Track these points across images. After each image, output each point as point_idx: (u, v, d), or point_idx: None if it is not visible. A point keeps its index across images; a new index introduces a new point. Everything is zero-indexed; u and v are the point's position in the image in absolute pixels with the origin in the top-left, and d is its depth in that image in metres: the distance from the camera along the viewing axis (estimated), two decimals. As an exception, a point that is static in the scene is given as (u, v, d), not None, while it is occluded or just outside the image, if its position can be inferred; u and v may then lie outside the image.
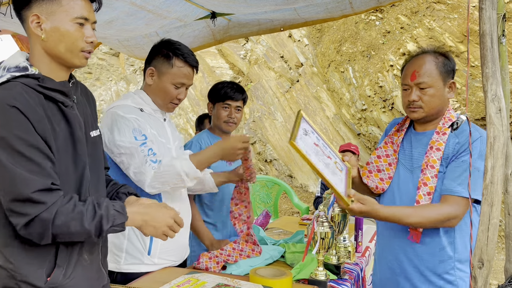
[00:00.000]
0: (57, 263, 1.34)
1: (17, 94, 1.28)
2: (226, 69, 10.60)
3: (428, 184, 1.85)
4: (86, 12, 1.39)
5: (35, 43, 1.38)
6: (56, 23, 1.35)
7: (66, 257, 1.37)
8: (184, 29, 3.78)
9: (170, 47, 2.12)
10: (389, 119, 7.09)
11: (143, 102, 2.10)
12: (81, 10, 1.38)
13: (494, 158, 1.37)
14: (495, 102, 1.39)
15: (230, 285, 1.76)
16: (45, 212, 1.25)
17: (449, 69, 1.93)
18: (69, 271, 1.37)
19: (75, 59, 1.41)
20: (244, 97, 2.75)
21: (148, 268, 2.01)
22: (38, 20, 1.35)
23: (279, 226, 3.19)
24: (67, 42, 1.37)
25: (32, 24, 1.35)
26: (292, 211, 7.76)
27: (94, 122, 1.58)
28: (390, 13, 7.49)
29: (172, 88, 2.10)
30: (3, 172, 1.24)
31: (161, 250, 2.03)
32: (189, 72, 2.12)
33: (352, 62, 7.83)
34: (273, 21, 3.71)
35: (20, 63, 1.35)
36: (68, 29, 1.36)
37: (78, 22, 1.37)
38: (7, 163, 1.24)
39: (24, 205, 1.24)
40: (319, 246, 1.88)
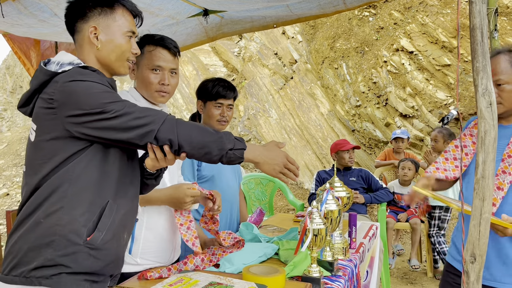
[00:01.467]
0: (98, 227, 1.46)
1: (87, 73, 1.49)
2: (220, 67, 10.57)
3: (506, 172, 1.91)
4: (133, 27, 1.63)
5: (89, 51, 1.58)
6: (110, 35, 1.57)
7: (107, 225, 1.48)
8: (177, 27, 3.77)
9: (142, 38, 2.11)
10: (383, 115, 7.10)
11: (133, 100, 2.06)
12: (130, 25, 1.62)
13: (485, 153, 1.37)
14: (485, 96, 1.39)
15: (223, 284, 1.75)
16: (165, 121, 1.44)
17: None
18: (106, 238, 1.48)
19: (121, 68, 1.63)
20: (235, 94, 2.72)
21: (131, 268, 1.97)
22: (95, 31, 1.55)
23: (273, 223, 3.18)
24: (118, 52, 1.59)
25: (91, 34, 1.55)
26: (287, 208, 7.76)
27: None
28: (383, 9, 7.49)
29: (151, 74, 2.04)
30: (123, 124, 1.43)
31: (143, 250, 2.00)
32: (162, 54, 2.05)
33: (346, 59, 7.82)
34: (266, 17, 3.70)
35: (74, 60, 1.53)
36: (120, 41, 1.59)
37: (128, 36, 1.60)
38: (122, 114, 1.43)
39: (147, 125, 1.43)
40: (310, 243, 1.88)
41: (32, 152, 1.50)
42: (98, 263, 1.47)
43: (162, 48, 2.06)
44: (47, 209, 1.43)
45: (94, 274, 1.48)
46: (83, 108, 1.41)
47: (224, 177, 2.68)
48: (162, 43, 2.06)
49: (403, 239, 6.24)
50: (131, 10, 1.64)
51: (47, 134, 1.45)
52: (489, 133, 1.38)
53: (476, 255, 1.38)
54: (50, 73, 1.47)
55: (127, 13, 1.62)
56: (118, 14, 1.59)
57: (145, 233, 2.00)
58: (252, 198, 5.30)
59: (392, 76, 6.95)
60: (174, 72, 2.11)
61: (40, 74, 1.49)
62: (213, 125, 2.68)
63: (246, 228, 2.62)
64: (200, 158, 1.50)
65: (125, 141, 1.45)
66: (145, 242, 1.99)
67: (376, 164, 5.80)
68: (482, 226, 1.37)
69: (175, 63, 2.11)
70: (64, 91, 1.42)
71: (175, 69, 2.11)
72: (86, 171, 1.46)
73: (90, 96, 1.42)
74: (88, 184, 1.46)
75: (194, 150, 1.47)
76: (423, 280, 4.81)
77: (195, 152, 1.47)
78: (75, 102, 1.41)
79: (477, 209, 1.38)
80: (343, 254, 2.31)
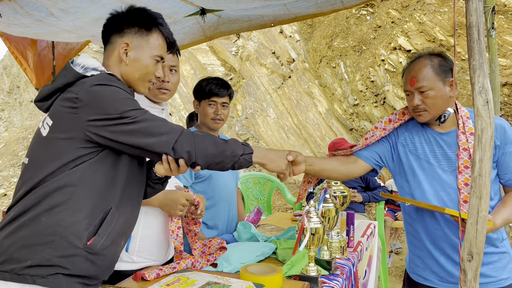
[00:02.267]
0: (98, 232, 1.47)
1: (115, 79, 1.53)
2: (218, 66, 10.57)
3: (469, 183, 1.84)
4: (163, 52, 1.68)
5: (116, 64, 1.63)
6: (140, 55, 1.62)
7: (107, 230, 1.49)
8: (174, 26, 3.76)
9: None
10: (381, 114, 7.10)
11: (136, 98, 2.06)
12: (161, 50, 1.67)
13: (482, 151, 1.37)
14: (482, 94, 1.39)
15: (220, 283, 1.75)
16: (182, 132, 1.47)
17: (446, 68, 1.96)
18: (106, 243, 1.49)
19: (142, 88, 1.67)
20: (230, 92, 2.71)
21: (128, 266, 1.97)
22: (127, 48, 1.60)
23: (271, 223, 3.18)
24: (143, 72, 1.64)
25: (122, 50, 1.60)
26: (285, 207, 7.76)
27: None
28: (381, 7, 7.49)
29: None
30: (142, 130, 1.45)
31: (139, 249, 2.00)
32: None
33: (343, 57, 7.82)
34: (263, 16, 3.69)
35: (99, 67, 1.56)
36: (147, 63, 1.63)
37: (156, 59, 1.65)
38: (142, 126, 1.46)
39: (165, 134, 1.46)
40: (308, 242, 1.87)
41: (42, 147, 1.51)
42: (94, 267, 1.48)
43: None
44: (49, 207, 1.43)
45: (89, 278, 1.49)
46: (107, 112, 1.44)
47: (221, 176, 2.67)
48: None
49: (401, 237, 6.24)
50: (166, 36, 1.70)
51: (63, 133, 1.47)
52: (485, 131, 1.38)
53: (473, 253, 1.38)
54: (79, 76, 1.51)
55: (161, 38, 1.67)
56: (153, 37, 1.64)
57: (142, 232, 2.00)
58: (250, 197, 5.30)
59: (389, 74, 6.95)
60: (174, 70, 2.13)
61: (69, 74, 1.53)
62: (209, 124, 2.68)
63: (244, 227, 2.62)
64: (213, 168, 1.53)
65: (143, 147, 1.46)
66: (142, 241, 1.99)
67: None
68: (479, 224, 1.37)
69: (174, 61, 2.12)
70: (90, 93, 1.45)
71: (174, 66, 2.13)
72: (95, 175, 1.47)
73: (115, 101, 1.45)
74: (94, 188, 1.47)
75: (209, 162, 1.51)
76: (421, 279, 4.81)
77: (210, 164, 1.51)
78: (100, 105, 1.44)
79: (474, 207, 1.38)
80: (341, 253, 2.31)
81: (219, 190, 2.65)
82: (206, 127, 2.72)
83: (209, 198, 2.61)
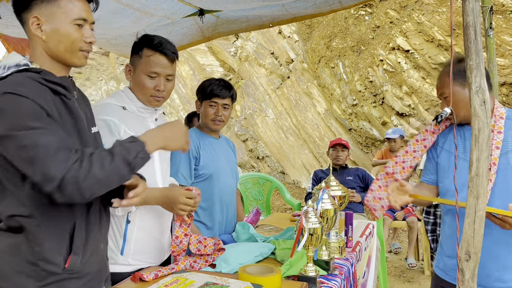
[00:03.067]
0: (73, 250, 1.39)
1: (24, 82, 1.33)
2: (217, 67, 10.58)
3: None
4: (84, 13, 1.45)
5: (36, 44, 1.44)
6: (55, 24, 1.41)
7: (82, 244, 1.41)
8: (172, 27, 3.76)
9: (141, 39, 2.07)
10: (379, 114, 7.11)
11: (128, 100, 2.05)
12: (80, 11, 1.43)
13: (479, 151, 1.37)
14: (479, 94, 1.39)
15: (218, 284, 1.75)
16: (69, 170, 1.26)
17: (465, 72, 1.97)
18: (84, 259, 1.42)
19: (75, 59, 1.46)
20: (231, 94, 2.71)
21: (123, 269, 1.96)
22: (38, 21, 1.41)
23: (270, 223, 3.18)
24: (66, 42, 1.43)
25: (33, 26, 1.41)
26: (284, 207, 7.77)
27: (92, 119, 1.63)
28: (379, 7, 7.50)
29: (147, 80, 2.02)
30: (27, 150, 1.27)
31: (134, 251, 1.98)
32: (160, 60, 2.02)
33: (342, 58, 7.83)
34: (262, 17, 3.69)
35: (20, 61, 1.40)
36: (67, 30, 1.42)
37: (77, 24, 1.43)
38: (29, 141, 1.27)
39: (49, 170, 1.26)
40: (306, 242, 1.88)
41: None
42: (83, 279, 1.43)
43: (160, 54, 2.02)
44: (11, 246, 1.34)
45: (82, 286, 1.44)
46: (8, 128, 1.27)
47: (221, 176, 2.68)
48: (160, 49, 2.02)
49: (400, 237, 6.25)
50: None
51: None
52: (482, 131, 1.38)
53: (471, 253, 1.39)
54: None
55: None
56: (64, 1, 1.42)
57: (136, 234, 1.99)
58: (249, 197, 5.30)
59: (388, 74, 6.96)
60: (170, 79, 2.08)
61: None
62: (209, 125, 2.68)
63: (243, 227, 2.62)
64: (115, 185, 1.39)
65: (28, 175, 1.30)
66: (137, 243, 1.98)
67: (373, 163, 5.83)
68: (476, 224, 1.37)
69: (172, 69, 2.08)
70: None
71: (171, 76, 2.08)
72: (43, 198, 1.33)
73: (13, 116, 1.27)
74: (49, 213, 1.35)
75: (102, 190, 1.35)
76: (420, 279, 4.82)
77: (109, 187, 1.36)
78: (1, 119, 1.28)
79: (472, 207, 1.38)
80: (339, 253, 2.31)
81: (219, 190, 2.65)
82: (207, 128, 2.72)
83: (208, 198, 2.61)
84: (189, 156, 2.59)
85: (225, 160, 2.76)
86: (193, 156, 2.61)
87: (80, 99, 1.57)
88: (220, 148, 2.75)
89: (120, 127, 1.93)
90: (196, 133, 2.72)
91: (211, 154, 2.67)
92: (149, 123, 2.09)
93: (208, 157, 2.65)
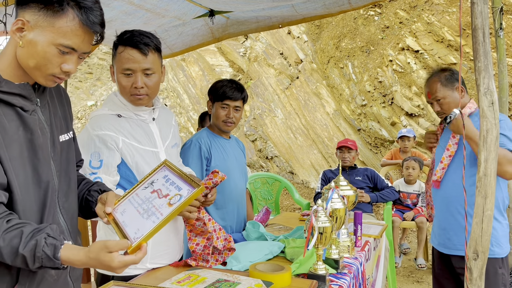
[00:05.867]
0: (19, 281, 1.29)
1: None
2: (226, 67, 10.61)
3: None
4: (76, 44, 1.29)
5: (13, 44, 1.30)
6: (37, 38, 1.25)
7: (29, 275, 1.30)
8: (183, 27, 3.80)
9: (117, 36, 1.94)
10: (389, 114, 7.10)
11: (122, 106, 1.97)
12: (72, 39, 1.27)
13: (487, 151, 1.39)
14: (487, 96, 1.41)
15: (229, 280, 1.78)
16: None
17: (453, 79, 2.54)
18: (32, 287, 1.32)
19: (40, 79, 1.32)
20: (243, 96, 2.71)
21: (141, 272, 1.96)
22: (23, 25, 1.26)
23: (279, 222, 3.21)
24: (38, 61, 1.27)
25: (14, 26, 1.26)
26: (293, 207, 7.78)
27: (65, 125, 1.52)
28: (388, 8, 7.49)
29: (123, 78, 1.89)
30: None
31: (152, 255, 1.95)
32: (131, 55, 1.85)
33: (351, 58, 7.83)
34: (271, 18, 3.72)
35: None
36: (46, 50, 1.26)
37: (61, 50, 1.27)
38: None
39: None
40: (316, 241, 1.90)
41: None
42: None
43: (131, 48, 1.86)
44: None
45: None
46: None
47: (231, 177, 2.70)
48: (129, 43, 1.86)
49: (409, 237, 6.24)
50: (87, 24, 1.27)
51: None
52: (491, 131, 1.40)
53: (479, 252, 1.40)
54: None
55: (77, 24, 1.27)
56: (63, 20, 1.25)
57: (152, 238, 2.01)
58: (258, 197, 5.33)
59: (397, 75, 6.95)
60: (150, 73, 1.90)
61: None
62: (220, 126, 2.71)
63: (253, 226, 2.65)
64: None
65: None
66: (154, 247, 1.95)
67: (382, 163, 5.82)
68: (484, 223, 1.39)
69: (149, 62, 1.88)
70: None
71: (149, 70, 1.89)
72: None
73: None
74: None
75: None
76: (429, 279, 4.81)
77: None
78: None
79: (480, 206, 1.40)
80: (348, 252, 2.33)
81: (229, 190, 2.68)
82: (218, 129, 2.75)
83: (219, 198, 2.64)
84: (200, 156, 2.62)
85: (235, 161, 2.79)
86: (205, 156, 2.64)
87: (50, 104, 1.45)
88: (230, 149, 2.78)
89: (117, 139, 1.89)
90: (208, 133, 2.74)
91: (222, 154, 2.70)
92: (148, 124, 2.02)
93: (219, 157, 2.67)
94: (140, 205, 1.49)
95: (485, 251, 1.40)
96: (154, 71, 1.91)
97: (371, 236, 2.80)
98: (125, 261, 1.25)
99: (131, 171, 1.94)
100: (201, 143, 2.65)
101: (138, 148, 1.94)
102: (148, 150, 1.98)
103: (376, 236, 2.82)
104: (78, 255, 1.23)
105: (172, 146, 2.12)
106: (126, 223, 1.42)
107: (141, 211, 1.46)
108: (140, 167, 1.93)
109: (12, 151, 1.27)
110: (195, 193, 1.44)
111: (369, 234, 2.81)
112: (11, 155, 1.26)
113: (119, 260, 1.24)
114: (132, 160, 1.93)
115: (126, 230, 1.39)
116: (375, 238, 2.83)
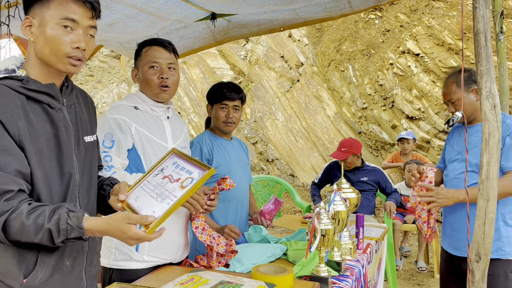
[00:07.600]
0: (36, 267, 1.35)
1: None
2: (227, 70, 10.62)
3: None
4: (74, 15, 1.36)
5: (29, 46, 1.41)
6: (42, 25, 1.36)
7: (45, 262, 1.37)
8: (185, 30, 3.81)
9: (139, 44, 2.21)
10: (389, 117, 7.11)
11: (140, 101, 2.14)
12: (68, 12, 1.35)
13: (489, 154, 1.40)
14: (489, 99, 1.42)
15: (232, 282, 1.79)
16: None
17: (470, 80, 2.51)
18: (45, 276, 1.37)
19: (59, 64, 1.38)
20: (241, 96, 2.77)
21: (139, 265, 2.00)
22: (29, 23, 1.37)
23: (281, 225, 3.22)
24: (51, 45, 1.36)
25: (23, 27, 1.38)
26: (294, 210, 7.79)
27: (90, 128, 1.60)
28: (389, 11, 7.51)
29: (150, 71, 2.11)
30: None
31: (149, 248, 2.02)
32: (158, 50, 2.13)
33: (352, 61, 7.85)
34: (273, 21, 3.74)
35: (9, 66, 1.37)
36: (53, 32, 1.35)
37: (64, 25, 1.35)
38: None
39: None
40: (318, 243, 1.91)
41: None
42: None
43: (157, 45, 2.14)
44: None
45: None
46: None
47: (233, 177, 2.70)
48: (155, 41, 2.15)
49: (409, 240, 6.24)
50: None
51: None
52: (493, 135, 1.41)
53: (481, 254, 1.41)
54: None
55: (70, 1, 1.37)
56: (56, 1, 1.36)
57: None
58: (259, 200, 5.33)
59: (398, 78, 6.97)
60: (173, 68, 2.15)
61: None
62: (221, 127, 2.74)
63: (255, 231, 2.66)
64: None
65: None
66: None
67: (383, 166, 5.82)
68: (486, 226, 1.40)
69: (172, 59, 2.16)
70: None
71: (172, 64, 2.16)
72: None
73: None
74: None
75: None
76: (430, 282, 4.82)
77: None
78: None
79: (482, 209, 1.41)
80: (350, 255, 2.34)
81: (232, 190, 2.69)
82: (219, 131, 2.78)
83: (222, 198, 2.65)
84: (201, 158, 2.64)
85: (237, 161, 2.80)
86: (206, 158, 2.66)
87: (77, 106, 1.54)
88: (232, 150, 2.81)
89: (130, 125, 2.03)
90: (209, 135, 2.78)
91: (224, 155, 2.72)
92: (162, 121, 2.17)
93: (221, 158, 2.70)
94: (153, 190, 1.55)
95: (487, 254, 1.41)
96: (175, 68, 2.18)
97: (373, 238, 2.81)
98: (139, 235, 1.35)
99: (140, 159, 2.05)
100: (202, 144, 2.69)
101: (150, 138, 2.08)
102: (159, 142, 2.11)
103: (377, 239, 2.82)
104: (99, 224, 1.33)
105: (182, 147, 2.22)
106: (141, 207, 1.48)
107: (155, 195, 1.52)
108: (148, 156, 2.05)
109: (38, 144, 1.35)
110: (206, 174, 1.51)
111: (370, 237, 2.82)
112: (37, 148, 1.34)
113: (135, 231, 1.34)
114: (142, 148, 2.05)
115: (141, 214, 1.44)
116: (376, 241, 2.84)
